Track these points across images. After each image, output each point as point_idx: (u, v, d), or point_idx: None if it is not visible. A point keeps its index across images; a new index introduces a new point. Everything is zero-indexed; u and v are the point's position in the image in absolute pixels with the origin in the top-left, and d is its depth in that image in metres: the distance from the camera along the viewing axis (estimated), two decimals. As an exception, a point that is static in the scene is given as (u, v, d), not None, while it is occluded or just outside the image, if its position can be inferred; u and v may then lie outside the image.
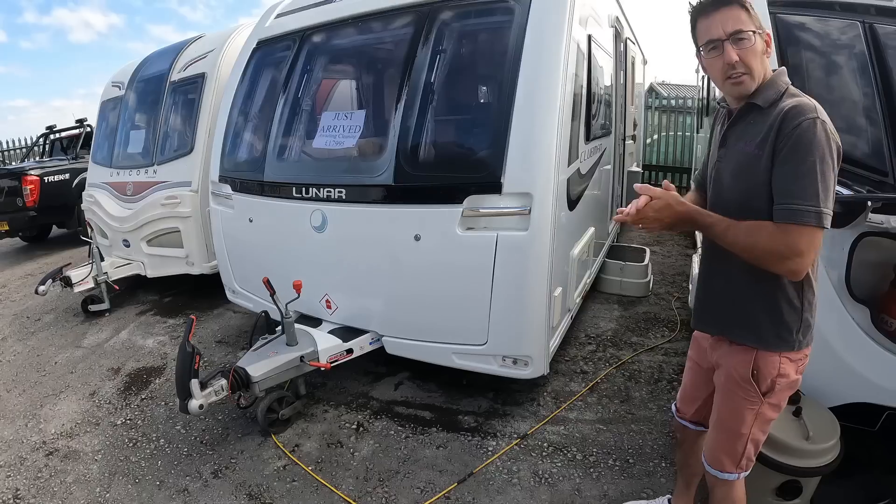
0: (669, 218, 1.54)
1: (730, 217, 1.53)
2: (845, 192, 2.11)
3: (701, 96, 6.31)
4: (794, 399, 2.14)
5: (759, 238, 1.44)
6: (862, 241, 2.10)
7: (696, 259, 4.04)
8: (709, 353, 1.83)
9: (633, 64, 6.50)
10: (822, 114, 1.43)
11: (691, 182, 2.11)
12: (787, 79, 1.58)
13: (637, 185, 1.59)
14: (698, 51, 1.62)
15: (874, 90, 2.21)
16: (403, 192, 2.93)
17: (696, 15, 1.58)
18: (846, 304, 2.16)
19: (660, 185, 1.65)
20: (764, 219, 1.47)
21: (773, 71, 1.60)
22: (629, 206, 1.55)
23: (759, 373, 1.62)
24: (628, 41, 5.79)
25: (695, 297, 1.84)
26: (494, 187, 2.69)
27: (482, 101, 3.35)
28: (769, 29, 2.41)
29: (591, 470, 2.62)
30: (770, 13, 2.41)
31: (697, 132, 7.35)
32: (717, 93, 1.91)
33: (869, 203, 1.99)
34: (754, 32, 1.50)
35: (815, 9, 2.44)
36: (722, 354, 1.73)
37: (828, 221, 1.39)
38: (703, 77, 5.93)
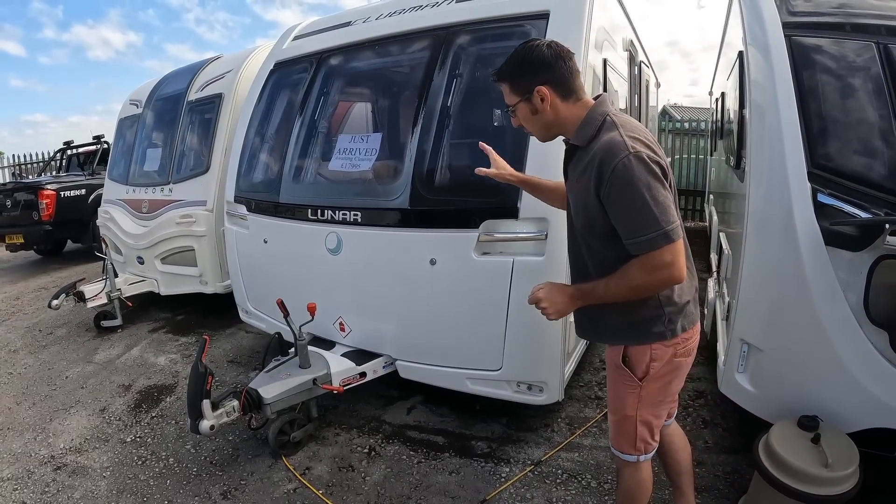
0: (561, 298, 1.72)
1: (577, 241, 1.77)
2: (863, 214, 2.09)
3: (714, 119, 6.31)
4: (813, 426, 2.12)
5: (632, 277, 1.56)
6: (880, 264, 2.06)
7: (711, 283, 4.01)
8: None
9: (646, 87, 6.51)
10: (633, 144, 1.51)
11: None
12: (606, 108, 1.66)
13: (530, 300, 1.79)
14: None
15: (890, 111, 2.20)
16: (419, 216, 2.94)
17: None
18: (864, 328, 2.12)
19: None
20: (600, 242, 1.66)
21: (595, 99, 1.70)
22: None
23: (631, 360, 1.74)
24: (642, 64, 5.81)
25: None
26: (511, 212, 2.69)
27: (498, 125, 3.35)
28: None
29: (606, 498, 2.58)
30: (785, 36, 2.41)
31: (711, 155, 7.32)
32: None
33: (887, 226, 1.98)
34: (517, 104, 1.70)
35: (829, 30, 2.43)
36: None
37: (676, 233, 1.50)
38: (716, 100, 5.94)
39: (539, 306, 1.73)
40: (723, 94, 4.95)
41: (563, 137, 1.83)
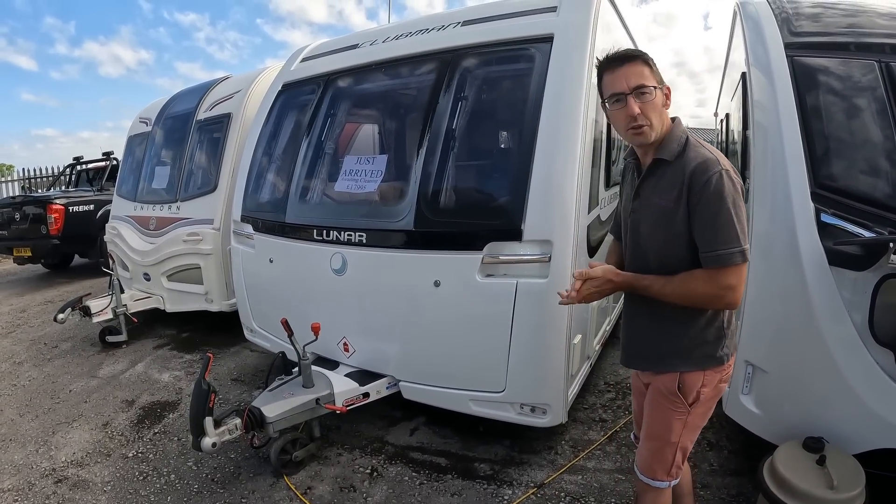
0: (610, 290, 1.72)
1: (648, 262, 1.72)
2: (867, 233, 2.10)
3: (719, 140, 6.32)
4: (818, 447, 2.12)
5: (695, 286, 1.60)
6: (885, 283, 2.07)
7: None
8: (641, 376, 1.96)
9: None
10: (725, 163, 1.58)
11: (609, 234, 2.18)
12: (684, 128, 1.71)
13: (575, 273, 1.75)
14: (603, 102, 1.74)
15: (892, 130, 2.21)
16: (424, 237, 2.95)
17: (603, 69, 1.70)
18: (869, 347, 2.12)
19: None
20: (682, 262, 1.64)
21: (672, 120, 1.70)
22: (570, 289, 1.74)
23: (685, 386, 1.73)
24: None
25: (622, 338, 1.96)
26: (515, 234, 2.69)
27: (503, 147, 3.38)
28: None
29: (610, 522, 2.55)
30: (787, 56, 2.44)
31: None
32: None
33: (891, 245, 2.00)
34: (655, 87, 1.63)
35: (831, 50, 2.46)
36: (650, 374, 1.86)
37: (749, 254, 1.55)
38: (721, 121, 5.95)
39: (589, 280, 1.70)
40: (727, 115, 4.97)
41: (628, 156, 1.86)
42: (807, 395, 2.29)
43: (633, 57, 1.65)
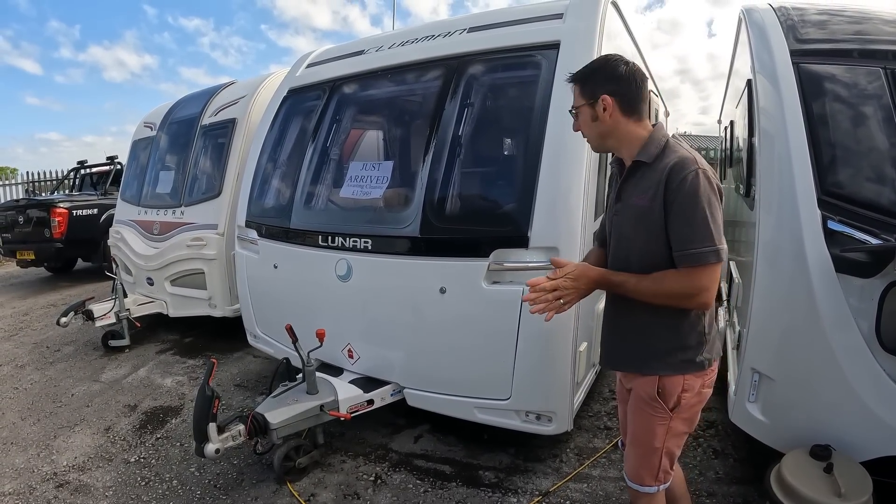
0: (585, 284, 1.69)
1: (630, 264, 1.72)
2: (873, 240, 2.10)
3: (724, 147, 6.32)
4: (825, 455, 2.10)
5: (669, 284, 1.61)
6: (892, 290, 2.06)
7: (721, 312, 3.98)
8: (623, 381, 1.97)
9: (655, 116, 6.55)
10: (702, 163, 1.61)
11: (593, 240, 2.19)
12: (665, 132, 1.74)
13: (552, 259, 1.79)
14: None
15: (899, 135, 2.21)
16: (429, 244, 2.94)
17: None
18: (876, 354, 2.11)
19: None
20: (663, 262, 1.64)
21: (653, 125, 1.75)
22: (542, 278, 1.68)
23: (665, 391, 1.73)
24: (651, 94, 5.85)
25: (602, 337, 1.97)
26: (521, 241, 2.68)
27: (509, 154, 3.37)
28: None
29: (615, 531, 2.54)
30: (793, 63, 2.44)
31: (721, 182, 7.30)
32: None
33: None
34: (581, 106, 1.76)
35: (837, 57, 2.46)
36: (631, 379, 1.87)
37: (724, 255, 1.55)
38: (725, 128, 5.96)
39: (566, 275, 1.66)
40: (732, 123, 4.98)
41: (613, 162, 1.88)
42: (813, 403, 2.28)
43: (571, 79, 1.80)
